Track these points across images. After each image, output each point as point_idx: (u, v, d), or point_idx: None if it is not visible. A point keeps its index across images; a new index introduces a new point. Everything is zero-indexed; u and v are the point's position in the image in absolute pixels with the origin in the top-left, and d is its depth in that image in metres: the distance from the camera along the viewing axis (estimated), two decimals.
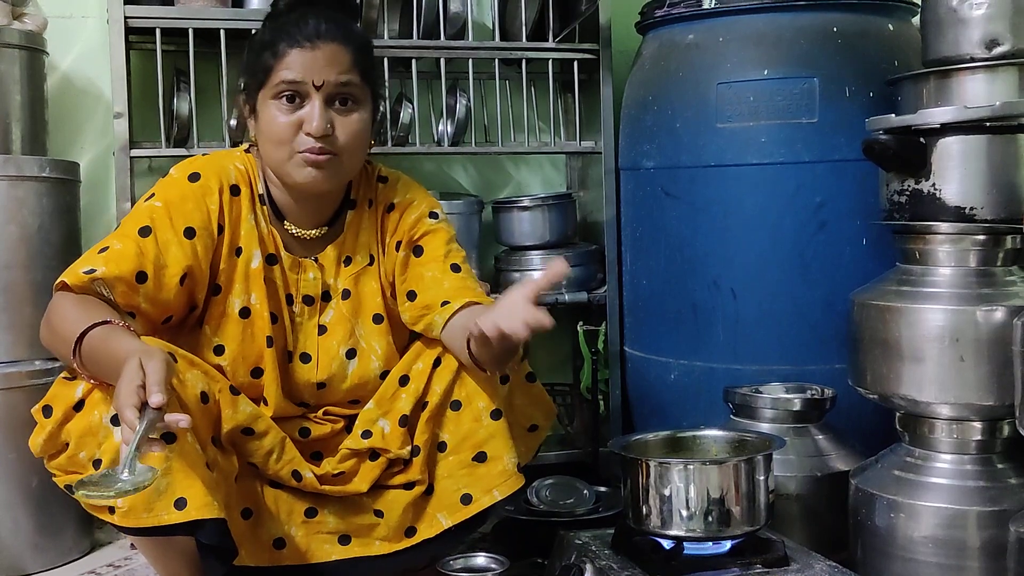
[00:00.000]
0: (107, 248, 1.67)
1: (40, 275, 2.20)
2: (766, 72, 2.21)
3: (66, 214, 2.28)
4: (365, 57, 1.73)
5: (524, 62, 2.55)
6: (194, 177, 1.74)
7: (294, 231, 1.79)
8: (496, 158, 2.84)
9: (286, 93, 1.67)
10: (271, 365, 1.76)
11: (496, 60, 2.53)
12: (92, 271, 1.63)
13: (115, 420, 1.53)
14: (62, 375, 1.64)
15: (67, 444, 1.59)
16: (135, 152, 2.30)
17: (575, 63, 2.57)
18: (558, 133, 2.71)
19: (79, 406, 1.58)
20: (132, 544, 2.30)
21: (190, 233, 1.70)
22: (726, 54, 2.25)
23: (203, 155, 1.82)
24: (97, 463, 1.56)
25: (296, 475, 1.75)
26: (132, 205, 2.28)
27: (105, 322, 1.55)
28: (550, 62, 2.57)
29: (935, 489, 1.75)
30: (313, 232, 1.80)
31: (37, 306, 2.19)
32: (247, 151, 1.82)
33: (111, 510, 1.57)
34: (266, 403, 1.78)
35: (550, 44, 2.55)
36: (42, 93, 2.35)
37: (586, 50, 2.56)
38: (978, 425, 1.75)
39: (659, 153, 2.35)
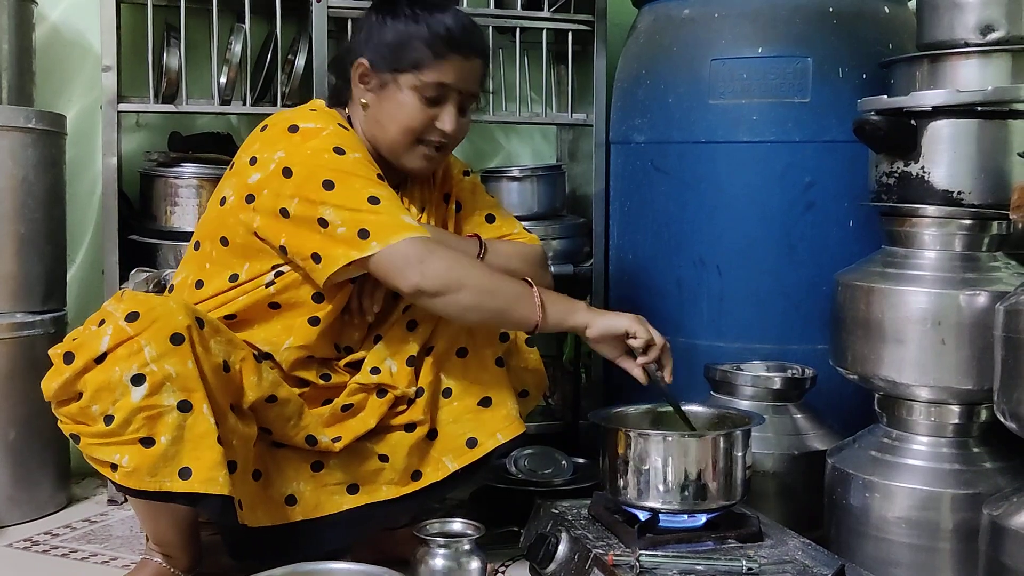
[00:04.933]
0: (378, 198, 1.67)
1: (23, 227, 2.19)
2: (760, 50, 2.20)
3: (51, 167, 2.26)
4: (489, 69, 1.88)
5: (518, 31, 2.54)
6: (344, 127, 1.78)
7: None
8: (486, 127, 2.83)
9: (434, 94, 1.76)
10: (337, 294, 1.79)
11: (490, 28, 2.51)
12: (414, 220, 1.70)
13: (135, 380, 1.56)
14: (90, 319, 1.64)
15: (81, 394, 1.60)
16: (123, 106, 2.28)
17: (569, 34, 2.56)
18: (550, 104, 2.70)
19: (101, 359, 1.58)
20: (110, 499, 2.31)
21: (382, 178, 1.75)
22: (721, 30, 2.24)
23: (311, 110, 1.82)
24: (109, 419, 1.57)
25: (310, 439, 1.78)
26: (118, 160, 2.27)
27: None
28: (544, 32, 2.55)
29: (911, 470, 1.76)
30: None
31: (19, 258, 2.18)
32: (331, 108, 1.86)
33: (113, 467, 1.59)
34: (316, 322, 1.79)
35: (545, 13, 2.53)
36: (30, 43, 2.32)
37: (581, 21, 2.55)
38: (956, 408, 1.76)
39: (650, 127, 2.35)
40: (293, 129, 1.73)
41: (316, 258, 1.68)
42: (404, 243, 1.64)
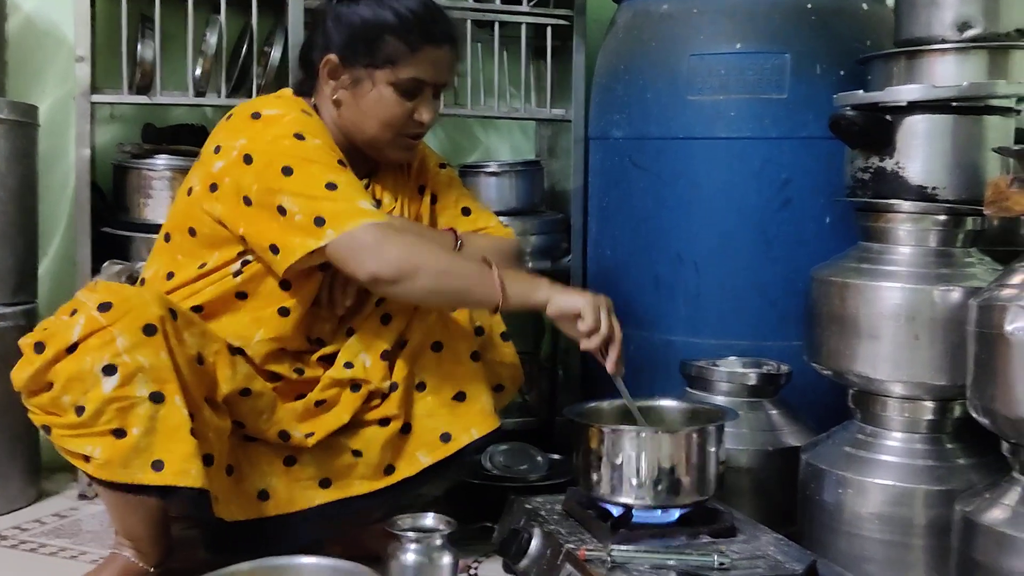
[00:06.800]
0: (335, 184, 1.66)
1: None
2: (738, 46, 2.19)
3: (23, 158, 2.23)
4: (457, 52, 1.85)
5: (497, 25, 2.53)
6: (308, 113, 1.77)
7: None
8: (465, 122, 2.82)
9: (412, 87, 1.76)
10: (306, 283, 1.78)
11: (469, 22, 2.50)
12: (372, 204, 1.68)
13: (106, 370, 1.54)
14: (62, 308, 1.63)
15: (51, 384, 1.58)
16: (96, 98, 2.25)
17: (548, 28, 2.55)
18: (528, 99, 2.68)
19: (72, 348, 1.56)
20: (80, 494, 2.28)
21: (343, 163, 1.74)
22: (699, 26, 2.24)
23: (275, 97, 1.81)
24: (80, 410, 1.56)
25: (283, 434, 1.77)
26: (91, 152, 2.25)
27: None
28: (523, 26, 2.54)
29: (884, 466, 1.76)
30: (364, 182, 1.85)
31: None
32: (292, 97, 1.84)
33: (86, 459, 1.57)
34: (286, 313, 1.77)
35: (524, 8, 2.53)
36: (2, 33, 2.30)
37: (560, 16, 2.54)
38: (930, 405, 1.76)
39: (628, 123, 2.34)
40: (255, 116, 1.73)
41: (274, 249, 1.67)
42: (360, 229, 1.63)
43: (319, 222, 1.63)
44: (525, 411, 2.63)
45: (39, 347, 1.58)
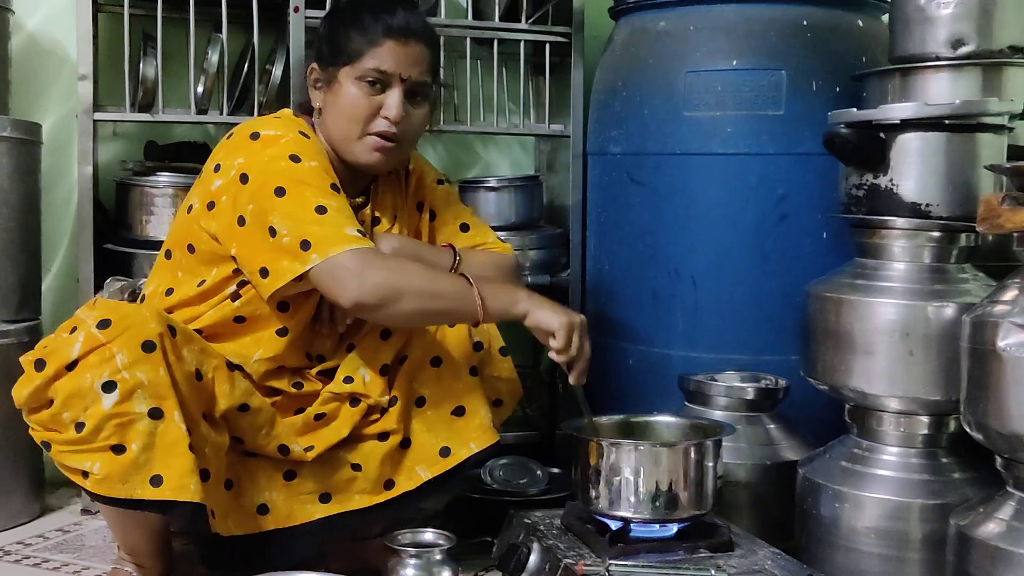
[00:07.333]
0: (325, 208, 1.67)
1: None
2: (735, 63, 2.21)
3: (27, 175, 2.25)
4: (438, 58, 1.88)
5: (496, 42, 2.55)
6: (305, 135, 1.78)
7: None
8: (465, 138, 2.83)
9: (373, 80, 1.76)
10: (303, 304, 1.79)
11: (468, 39, 2.53)
12: (360, 231, 1.68)
13: (106, 387, 1.56)
14: (62, 326, 1.65)
15: (52, 401, 1.59)
16: (99, 115, 2.27)
17: (547, 45, 2.57)
18: (528, 115, 2.71)
19: (72, 366, 1.58)
20: (83, 509, 2.30)
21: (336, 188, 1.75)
22: (696, 43, 2.26)
23: (275, 118, 1.83)
24: (80, 426, 1.57)
25: (283, 449, 1.78)
26: (94, 169, 2.27)
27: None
28: (522, 43, 2.56)
29: (880, 481, 1.77)
30: (358, 200, 1.87)
31: None
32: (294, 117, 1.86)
33: (85, 475, 1.59)
34: (285, 333, 1.79)
35: (523, 25, 2.54)
36: (6, 52, 2.32)
37: (559, 33, 2.56)
38: (925, 419, 1.78)
39: (626, 139, 2.36)
40: (254, 136, 1.75)
41: (264, 272, 1.68)
42: (344, 255, 1.64)
43: (305, 245, 1.64)
44: (525, 425, 2.65)
45: (39, 364, 1.60)
